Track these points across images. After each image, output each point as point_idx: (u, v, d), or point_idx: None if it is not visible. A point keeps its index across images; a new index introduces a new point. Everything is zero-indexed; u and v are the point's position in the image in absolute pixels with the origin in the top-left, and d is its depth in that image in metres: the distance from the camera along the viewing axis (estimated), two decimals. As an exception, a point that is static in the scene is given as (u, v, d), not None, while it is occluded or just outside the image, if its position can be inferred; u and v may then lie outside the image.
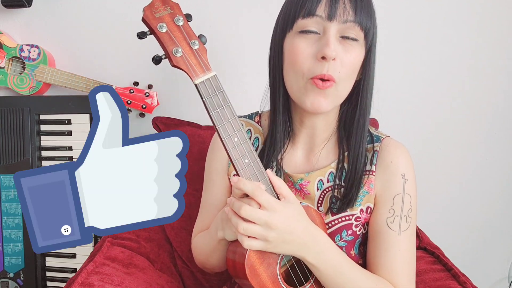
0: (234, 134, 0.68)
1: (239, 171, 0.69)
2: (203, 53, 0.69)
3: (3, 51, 1.36)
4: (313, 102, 0.75)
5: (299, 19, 0.74)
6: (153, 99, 1.37)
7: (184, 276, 1.19)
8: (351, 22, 0.73)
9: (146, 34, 0.69)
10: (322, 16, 0.73)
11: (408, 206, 0.80)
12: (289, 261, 0.77)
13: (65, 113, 1.32)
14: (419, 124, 1.47)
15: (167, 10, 0.68)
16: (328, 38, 0.72)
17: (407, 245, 0.80)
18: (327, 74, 0.72)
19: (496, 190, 1.53)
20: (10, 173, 1.32)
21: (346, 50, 0.74)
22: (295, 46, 0.75)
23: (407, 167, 0.82)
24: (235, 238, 0.71)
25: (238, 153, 0.69)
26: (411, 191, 0.82)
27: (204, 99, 0.67)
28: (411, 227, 0.81)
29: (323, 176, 0.84)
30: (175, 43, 0.67)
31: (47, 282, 1.36)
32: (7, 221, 1.33)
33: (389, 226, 0.80)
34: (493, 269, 1.59)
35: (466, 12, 1.40)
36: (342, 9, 0.72)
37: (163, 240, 1.19)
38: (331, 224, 0.82)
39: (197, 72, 0.67)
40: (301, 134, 0.86)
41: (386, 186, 0.82)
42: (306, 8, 0.73)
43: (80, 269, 0.89)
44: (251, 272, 0.70)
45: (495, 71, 1.43)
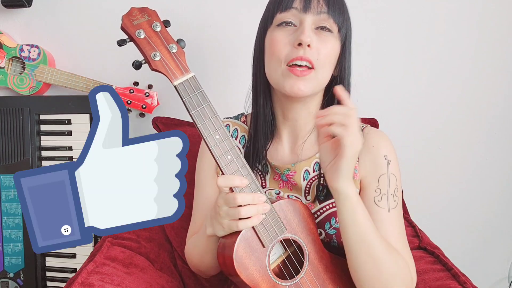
0: (215, 132, 0.71)
1: (222, 168, 0.71)
2: (181, 56, 0.72)
3: (3, 51, 1.36)
4: (292, 86, 0.79)
5: (278, 13, 0.81)
6: (153, 99, 1.37)
7: (184, 276, 1.19)
8: (325, 13, 0.79)
9: (126, 41, 0.72)
10: (298, 8, 0.79)
11: (394, 185, 0.83)
12: (279, 258, 0.78)
13: (65, 113, 1.32)
14: (419, 124, 1.47)
15: (144, 17, 0.72)
16: (303, 27, 0.78)
17: (397, 221, 0.83)
18: (304, 56, 0.77)
19: (496, 190, 1.53)
20: (10, 173, 1.32)
21: (321, 40, 0.79)
22: (274, 38, 0.81)
23: (389, 150, 0.85)
24: (223, 232, 0.74)
25: (220, 150, 0.71)
26: (395, 171, 0.85)
27: (183, 99, 0.70)
28: (399, 206, 0.84)
29: (308, 166, 0.87)
30: (153, 48, 0.70)
31: (47, 282, 1.36)
32: (7, 221, 1.33)
33: (377, 204, 0.82)
34: (493, 269, 1.59)
35: (467, 12, 1.40)
36: (316, 3, 0.79)
37: (163, 240, 1.19)
38: (320, 212, 0.84)
39: (176, 74, 0.70)
40: (285, 128, 0.89)
41: (371, 168, 0.84)
42: (283, 2, 0.80)
43: (80, 269, 0.89)
44: (239, 265, 0.71)
45: (495, 71, 1.42)
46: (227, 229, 0.73)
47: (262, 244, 0.74)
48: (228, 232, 0.73)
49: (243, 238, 0.72)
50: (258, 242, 0.74)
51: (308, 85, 0.79)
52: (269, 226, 0.74)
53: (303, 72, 0.78)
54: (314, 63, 0.78)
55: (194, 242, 0.90)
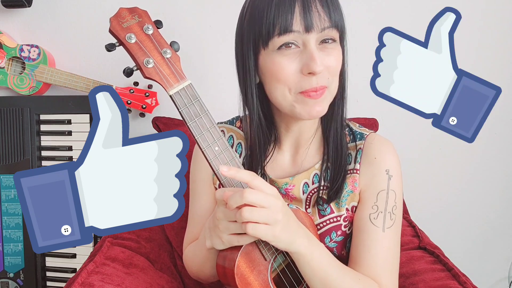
0: (214, 143, 0.66)
1: (222, 181, 0.67)
2: (176, 62, 0.66)
3: (3, 51, 1.36)
4: (310, 111, 0.73)
5: (275, 37, 0.70)
6: (153, 99, 1.37)
7: (184, 276, 1.19)
8: (328, 28, 0.71)
9: (115, 46, 0.66)
10: (300, 31, 0.70)
11: (392, 202, 0.79)
12: (279, 266, 0.75)
13: (65, 113, 1.32)
14: (420, 124, 1.46)
15: (135, 19, 0.65)
16: (311, 52, 0.70)
17: (391, 243, 0.79)
18: (318, 85, 0.71)
19: (496, 190, 1.53)
20: (10, 173, 1.32)
21: (327, 54, 0.72)
22: (276, 64, 0.72)
23: (392, 163, 0.81)
24: (223, 246, 0.69)
25: (219, 162, 0.66)
26: (396, 187, 0.80)
27: (180, 110, 0.65)
28: (396, 224, 0.79)
29: (307, 178, 0.83)
30: (145, 53, 0.64)
31: (47, 282, 1.36)
32: (7, 221, 1.33)
33: (372, 222, 0.78)
34: (493, 269, 1.59)
35: (467, 12, 1.40)
36: (317, 18, 0.70)
37: (163, 240, 1.19)
38: (320, 226, 0.81)
39: (171, 82, 0.65)
40: (287, 138, 0.84)
41: (370, 183, 0.80)
42: (281, 25, 0.70)
43: (80, 269, 0.89)
44: (241, 281, 0.68)
45: (495, 71, 1.43)
46: (226, 244, 0.68)
47: (264, 257, 0.71)
48: (228, 246, 0.69)
49: (245, 253, 0.69)
50: (260, 255, 0.70)
51: (324, 105, 0.75)
52: None
53: (318, 94, 0.72)
54: (326, 84, 0.73)
55: (192, 252, 0.87)
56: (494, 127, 1.47)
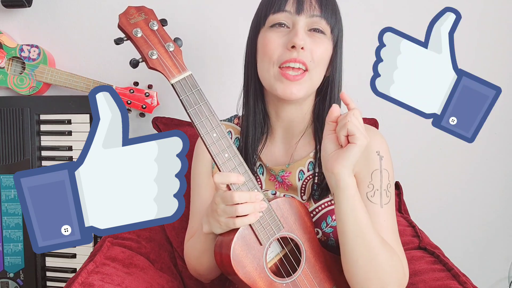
0: (212, 130, 0.71)
1: (219, 166, 0.72)
2: (178, 55, 0.72)
3: (3, 51, 1.36)
4: (284, 89, 0.79)
5: (270, 15, 0.80)
6: (153, 99, 1.37)
7: (185, 276, 1.19)
8: (317, 16, 0.79)
9: (123, 40, 0.73)
10: (291, 11, 0.79)
11: (386, 181, 0.83)
12: (278, 254, 0.78)
13: (65, 113, 1.32)
14: (420, 124, 1.46)
15: (141, 16, 0.72)
16: (297, 29, 0.78)
17: (390, 216, 0.82)
18: (298, 58, 0.77)
19: (496, 190, 1.53)
20: (10, 173, 1.32)
21: (315, 42, 0.79)
22: (267, 39, 0.80)
23: (381, 146, 0.85)
24: (220, 230, 0.74)
25: (217, 148, 0.71)
26: (388, 167, 0.84)
27: (180, 98, 0.70)
28: (391, 201, 0.83)
29: (303, 166, 0.87)
30: (150, 46, 0.71)
31: (47, 282, 1.36)
32: (7, 221, 1.33)
33: (370, 200, 0.82)
34: (493, 269, 1.59)
35: (467, 12, 1.40)
36: (308, 5, 0.79)
37: (164, 240, 1.19)
38: (316, 212, 0.84)
39: (173, 72, 0.71)
40: (278, 128, 0.89)
41: (363, 165, 0.84)
42: (276, 4, 0.80)
43: (80, 269, 0.89)
44: (237, 263, 0.71)
45: (495, 71, 1.43)
46: (224, 227, 0.73)
47: (259, 242, 0.74)
48: (225, 229, 0.74)
49: (240, 236, 0.72)
50: (256, 240, 0.74)
51: (302, 88, 0.79)
52: (266, 224, 0.74)
53: (295, 77, 0.78)
54: (308, 65, 0.78)
55: (192, 244, 0.89)
56: (494, 127, 1.47)
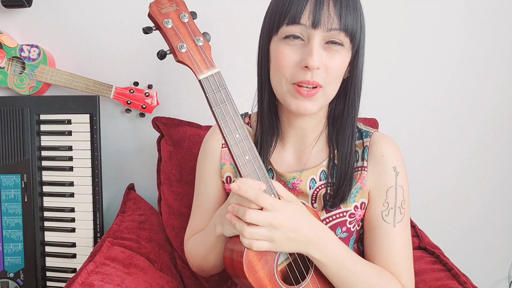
0: (236, 131, 0.69)
1: (240, 168, 0.69)
2: (207, 50, 0.70)
3: (3, 51, 1.36)
4: (298, 106, 0.76)
5: (284, 25, 0.74)
6: (153, 99, 1.37)
7: (184, 276, 1.19)
8: (335, 30, 0.72)
9: (152, 29, 0.70)
10: (306, 24, 0.72)
11: (401, 197, 0.82)
12: (286, 260, 0.77)
13: (65, 113, 1.32)
14: (420, 124, 1.47)
15: (173, 6, 0.69)
16: (311, 47, 0.72)
17: (402, 236, 0.81)
18: (311, 80, 0.73)
19: (496, 190, 1.53)
20: (10, 173, 1.32)
21: (331, 56, 0.74)
22: (279, 52, 0.75)
23: (398, 160, 0.83)
24: (233, 234, 0.72)
25: (239, 150, 0.69)
26: (403, 182, 0.83)
27: (207, 95, 0.68)
28: (405, 218, 0.82)
29: (315, 174, 0.85)
30: (180, 39, 0.69)
31: (47, 282, 1.36)
32: (7, 221, 1.33)
33: (384, 220, 0.81)
34: (493, 269, 1.59)
35: (467, 12, 1.40)
36: (326, 16, 0.71)
37: (164, 240, 1.19)
38: (325, 222, 0.83)
39: (201, 68, 0.69)
40: (290, 135, 0.87)
41: (379, 180, 0.82)
42: (291, 15, 0.72)
43: (80, 269, 0.89)
44: (249, 269, 0.70)
45: (496, 72, 1.43)
46: (236, 231, 0.70)
47: None
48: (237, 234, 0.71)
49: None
50: None
51: (316, 104, 0.76)
52: None
53: (309, 93, 0.74)
54: (322, 83, 0.74)
55: (198, 242, 0.88)
56: (494, 127, 1.47)
